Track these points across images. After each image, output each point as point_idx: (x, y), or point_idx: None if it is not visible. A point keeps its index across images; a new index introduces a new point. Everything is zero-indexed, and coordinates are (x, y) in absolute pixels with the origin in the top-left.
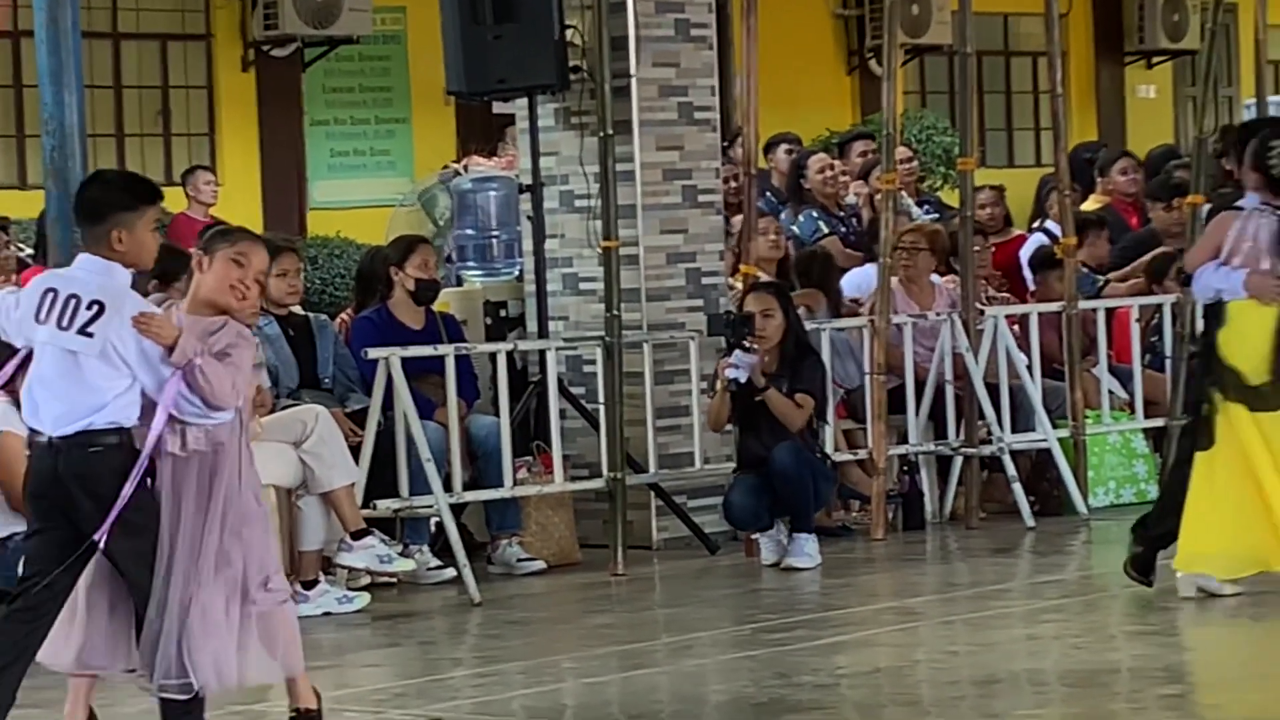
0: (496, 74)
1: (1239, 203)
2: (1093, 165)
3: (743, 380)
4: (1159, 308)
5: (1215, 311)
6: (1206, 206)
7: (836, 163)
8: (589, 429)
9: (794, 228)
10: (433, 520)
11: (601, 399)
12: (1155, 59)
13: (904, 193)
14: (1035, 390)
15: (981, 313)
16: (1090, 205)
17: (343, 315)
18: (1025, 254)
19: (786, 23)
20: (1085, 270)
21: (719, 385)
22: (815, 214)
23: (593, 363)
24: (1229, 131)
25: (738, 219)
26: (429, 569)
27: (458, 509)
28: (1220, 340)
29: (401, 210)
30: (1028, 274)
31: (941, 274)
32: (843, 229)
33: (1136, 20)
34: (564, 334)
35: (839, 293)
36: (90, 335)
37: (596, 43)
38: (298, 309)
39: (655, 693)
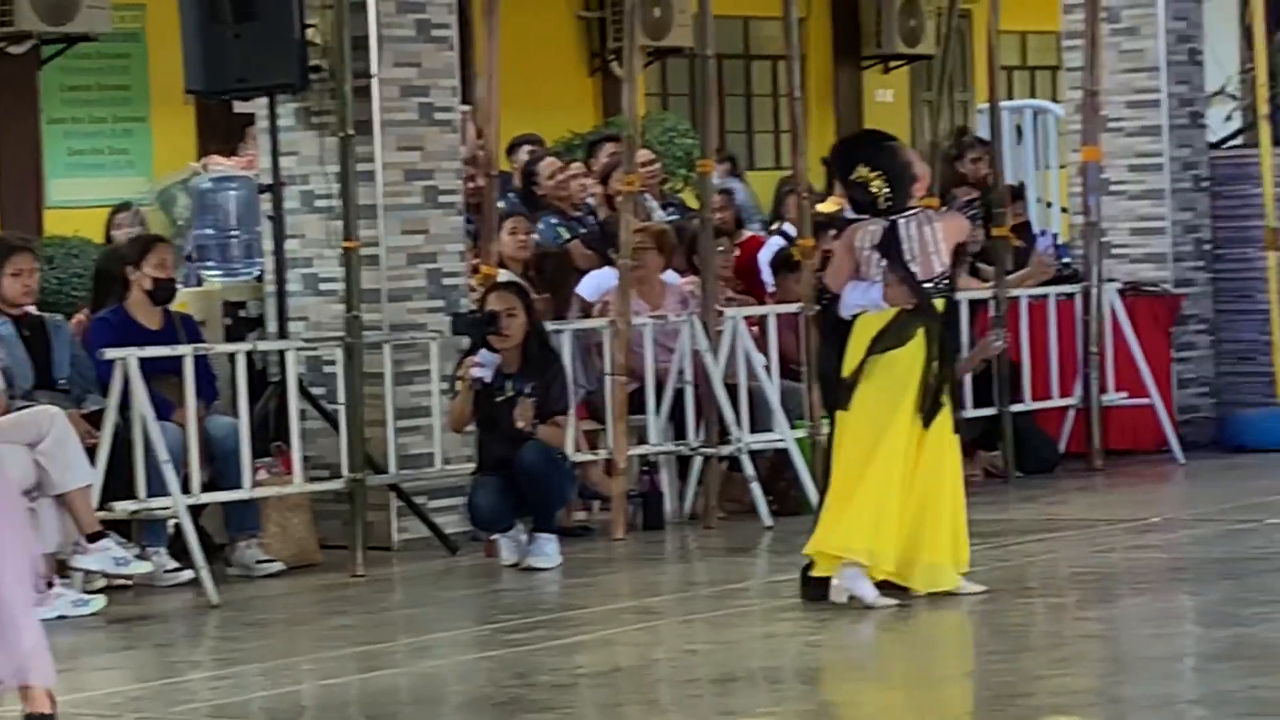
0: (236, 73)
1: (846, 214)
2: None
3: (488, 380)
4: None
5: (847, 327)
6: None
7: (575, 165)
8: (329, 430)
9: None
10: (170, 522)
11: (342, 400)
12: (892, 63)
13: (648, 194)
14: (773, 391)
15: (721, 314)
16: (828, 207)
17: (79, 315)
18: (764, 256)
19: (528, 24)
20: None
21: (461, 386)
22: (554, 220)
23: (333, 363)
24: (963, 134)
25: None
26: (166, 571)
27: (195, 510)
28: (846, 355)
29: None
30: (766, 276)
31: (683, 274)
32: (581, 230)
33: (874, 25)
34: (304, 334)
35: (574, 294)
36: None
37: (337, 42)
38: (33, 309)
39: (394, 694)
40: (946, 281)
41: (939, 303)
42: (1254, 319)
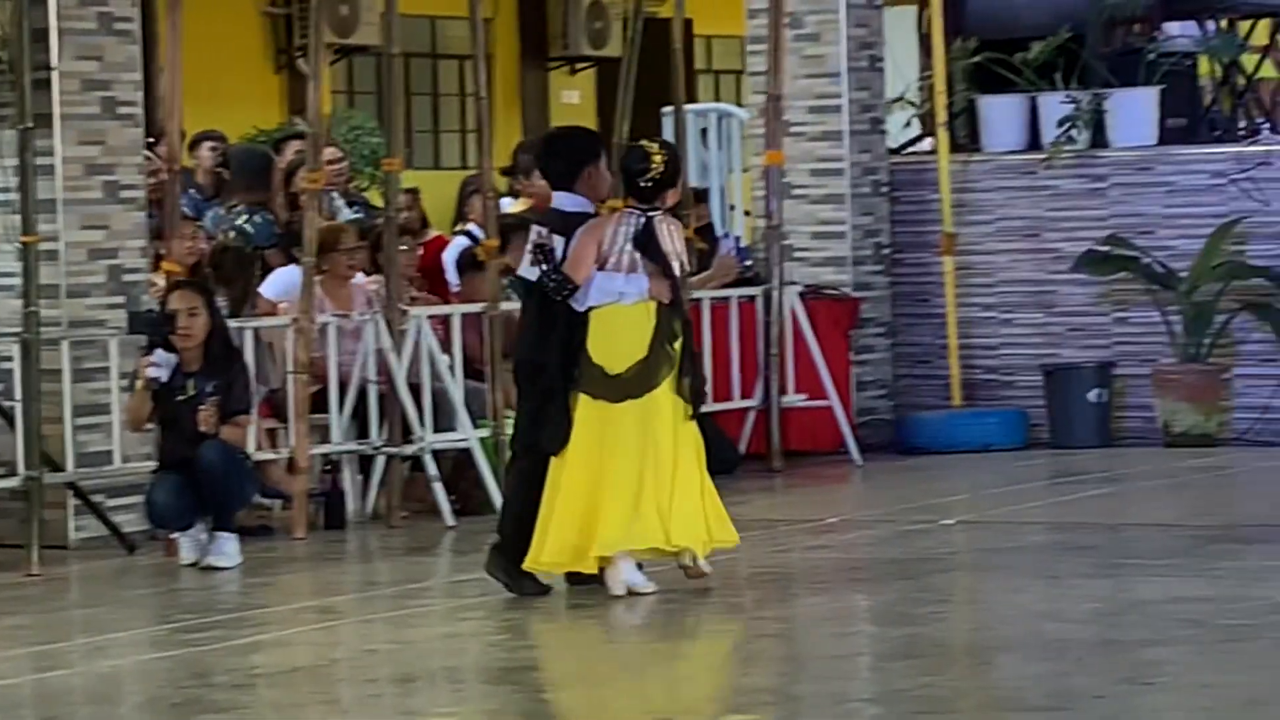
0: None
1: (563, 207)
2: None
3: (164, 379)
4: None
5: (583, 318)
6: None
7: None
8: (4, 427)
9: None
10: None
11: (18, 396)
12: (579, 65)
13: (333, 192)
14: (457, 391)
15: (405, 313)
16: (516, 208)
17: None
18: (448, 256)
19: (213, 19)
20: (510, 273)
21: (139, 384)
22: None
23: (9, 359)
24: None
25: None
26: None
27: None
28: (590, 344)
29: None
30: (451, 275)
31: (368, 273)
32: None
33: (561, 27)
34: None
35: (254, 291)
36: None
37: (16, 34)
38: None
39: (70, 694)
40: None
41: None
42: (931, 323)
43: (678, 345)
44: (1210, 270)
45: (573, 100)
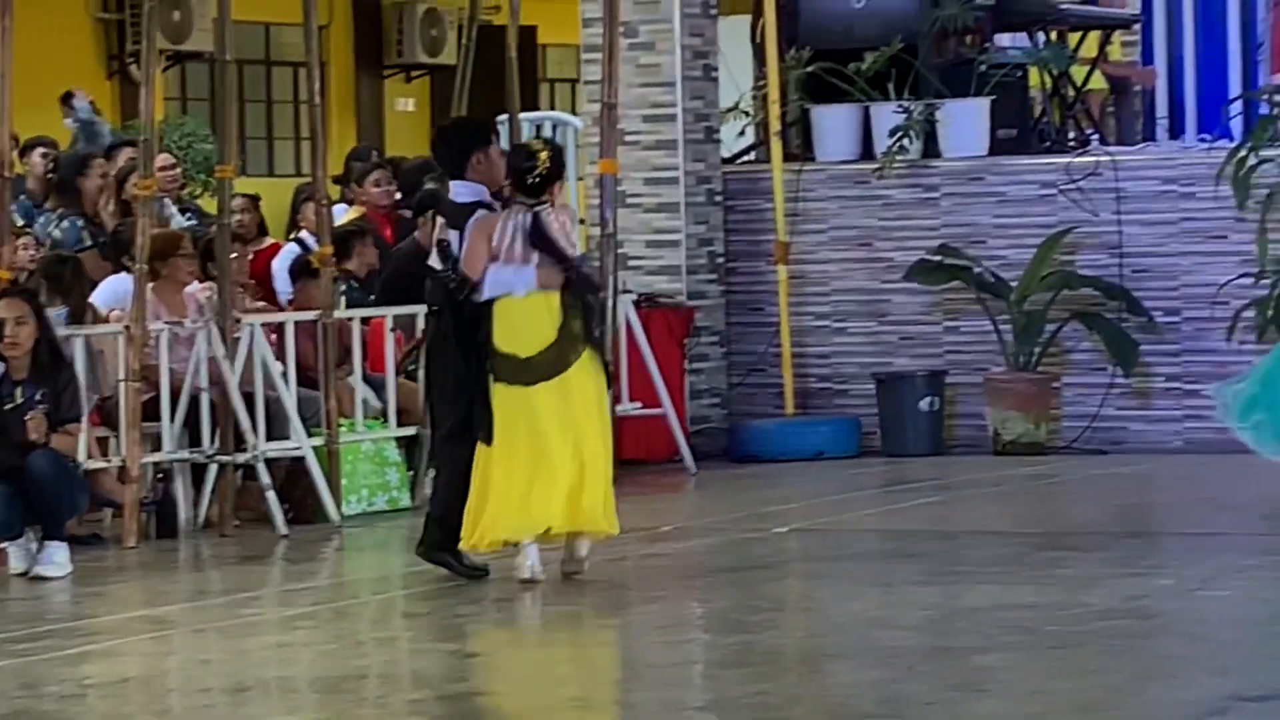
0: None
1: (457, 197)
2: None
3: None
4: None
5: (486, 310)
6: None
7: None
8: None
9: (56, 231)
10: None
11: None
12: (414, 73)
13: (166, 199)
14: (291, 398)
15: (238, 321)
16: (349, 216)
17: None
18: (278, 263)
19: (44, 24)
20: (353, 281)
21: None
22: (80, 222)
23: None
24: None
25: None
26: None
27: None
28: (495, 334)
29: None
30: (280, 284)
31: (200, 280)
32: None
33: (396, 34)
34: None
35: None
36: None
37: None
38: None
39: None
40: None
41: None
42: (765, 331)
43: (576, 326)
44: (1040, 280)
45: (408, 108)
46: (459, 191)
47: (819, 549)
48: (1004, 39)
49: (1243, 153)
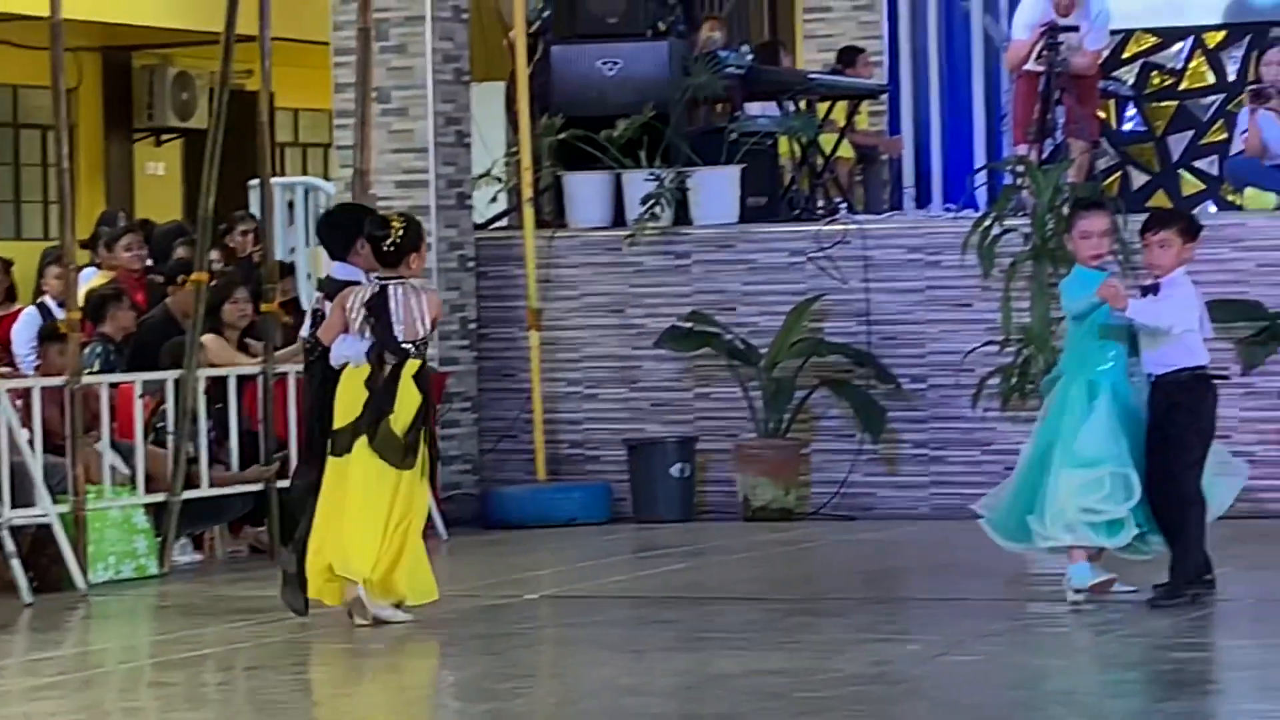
0: None
1: (337, 275)
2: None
3: None
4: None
5: (338, 376)
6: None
7: None
8: None
9: None
10: None
11: None
12: (165, 136)
13: None
14: (37, 465)
15: None
16: (98, 280)
17: None
18: (17, 329)
19: None
20: (110, 345)
21: None
22: None
23: None
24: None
25: None
26: None
27: None
28: (336, 402)
29: None
30: (19, 348)
31: None
32: None
33: (146, 97)
34: None
35: None
36: None
37: None
38: None
39: None
40: (424, 345)
41: (414, 363)
42: (517, 397)
43: (408, 405)
44: (789, 347)
45: (158, 172)
46: (338, 271)
47: (570, 615)
48: (754, 108)
49: (987, 222)
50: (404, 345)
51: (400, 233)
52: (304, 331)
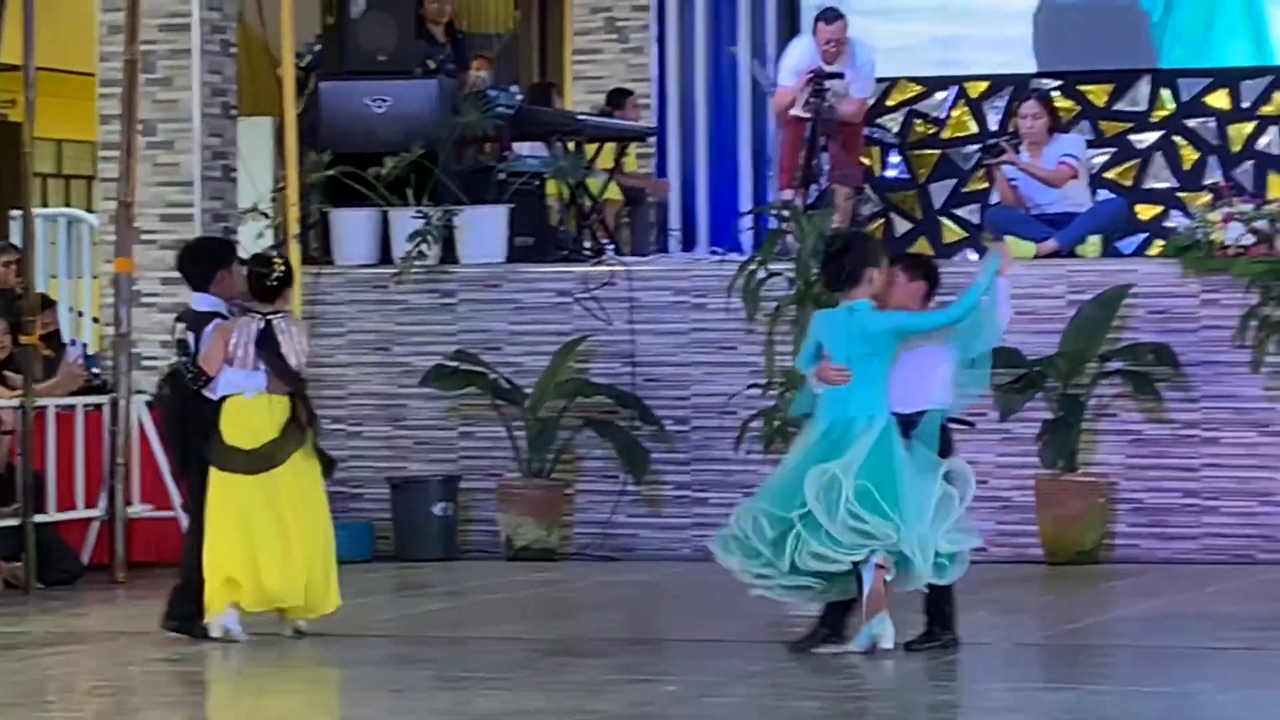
0: None
1: (198, 306)
2: None
3: None
4: None
5: (217, 405)
6: None
7: None
8: None
9: None
10: None
11: None
12: None
13: None
14: None
15: None
16: None
17: None
18: None
19: None
20: None
21: None
22: None
23: None
24: None
25: None
26: None
27: None
28: (223, 428)
29: None
30: None
31: None
32: None
33: None
34: None
35: None
36: None
37: None
38: None
39: None
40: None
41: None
42: None
43: (310, 431)
44: (555, 387)
45: None
46: (200, 302)
47: (330, 654)
48: (523, 148)
49: (752, 266)
50: (296, 374)
51: (281, 269)
52: (175, 360)
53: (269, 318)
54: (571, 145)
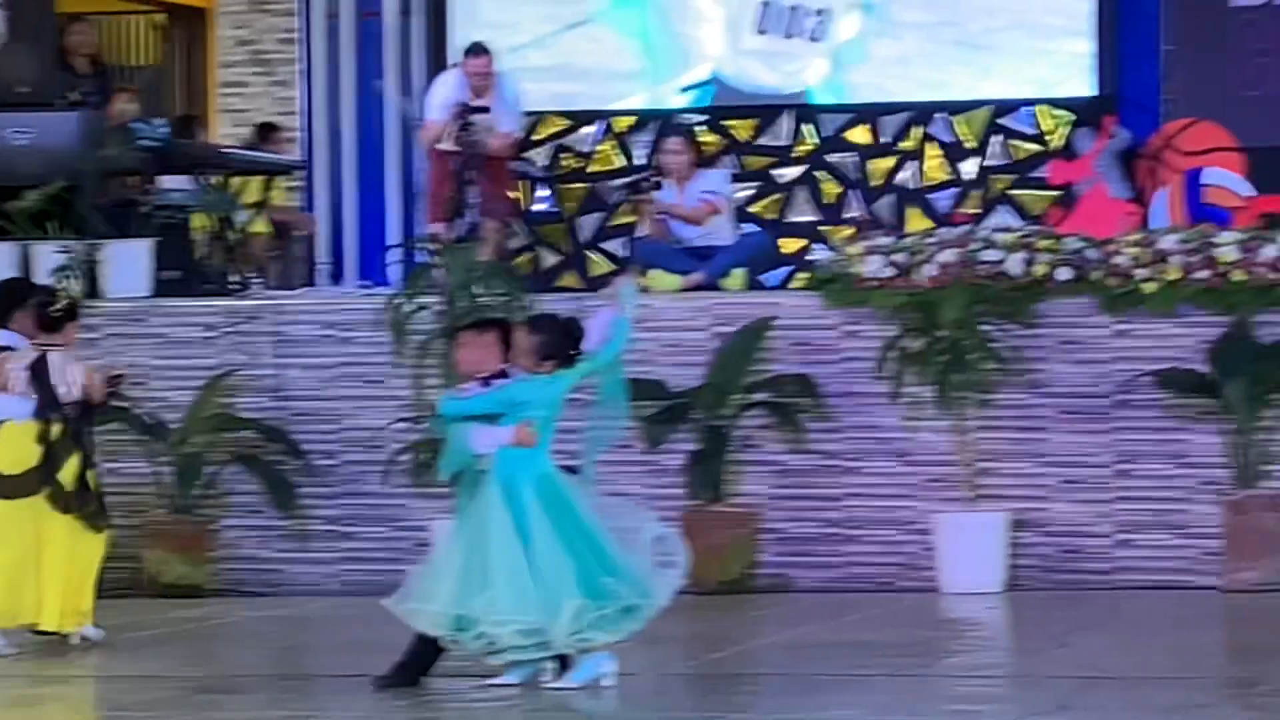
0: None
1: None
2: None
3: None
4: None
5: None
6: None
7: None
8: None
9: None
10: None
11: None
12: None
13: None
14: None
15: None
16: None
17: None
18: None
19: None
20: None
21: None
22: None
23: None
24: None
25: None
26: None
27: None
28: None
29: None
30: None
31: None
32: None
33: None
34: None
35: None
36: None
37: None
38: None
39: None
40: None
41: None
42: None
43: (72, 462)
44: (201, 422)
45: None
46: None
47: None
48: (169, 181)
49: (400, 299)
50: (63, 405)
51: (64, 304)
52: None
53: (45, 349)
54: (218, 179)
